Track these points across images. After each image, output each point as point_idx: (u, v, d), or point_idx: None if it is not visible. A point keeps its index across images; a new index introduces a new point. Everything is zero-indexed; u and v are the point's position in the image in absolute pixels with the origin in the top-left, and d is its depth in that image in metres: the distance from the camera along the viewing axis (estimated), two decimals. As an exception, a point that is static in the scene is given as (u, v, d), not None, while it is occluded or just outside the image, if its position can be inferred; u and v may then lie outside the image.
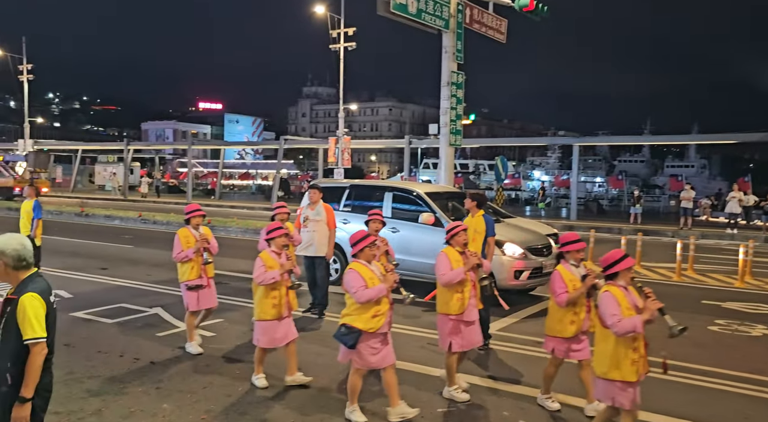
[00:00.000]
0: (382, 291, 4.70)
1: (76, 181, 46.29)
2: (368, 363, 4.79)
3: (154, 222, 21.48)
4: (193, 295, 6.72)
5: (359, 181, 13.05)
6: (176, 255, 6.68)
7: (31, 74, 39.99)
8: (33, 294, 3.19)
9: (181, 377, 5.98)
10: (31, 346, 3.14)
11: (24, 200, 11.75)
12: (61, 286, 9.98)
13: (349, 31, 28.69)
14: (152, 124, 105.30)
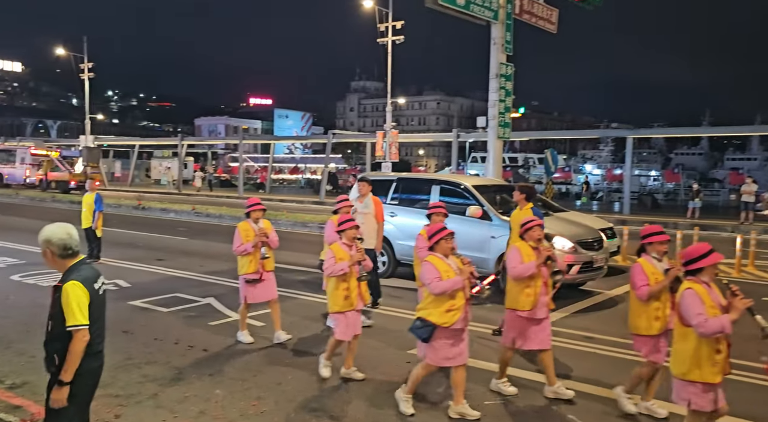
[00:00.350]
0: (457, 284, 4.62)
1: (134, 175, 47.82)
2: (440, 359, 4.75)
3: (207, 215, 22.02)
4: (250, 288, 6.77)
5: (406, 174, 13.03)
6: (236, 248, 6.72)
7: (92, 73, 41.43)
8: (75, 282, 3.32)
9: (233, 365, 6.14)
10: (74, 333, 3.28)
11: (86, 193, 12.27)
12: (119, 276, 10.38)
13: (397, 24, 28.65)
14: (205, 120, 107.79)
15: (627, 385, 5.12)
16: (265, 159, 52.12)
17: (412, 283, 10.15)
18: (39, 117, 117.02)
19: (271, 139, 55.36)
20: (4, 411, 4.87)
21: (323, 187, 34.79)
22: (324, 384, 5.66)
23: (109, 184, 44.20)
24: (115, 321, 7.48)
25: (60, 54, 42.56)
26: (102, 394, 5.18)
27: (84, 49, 40.92)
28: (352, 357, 5.82)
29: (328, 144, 38.24)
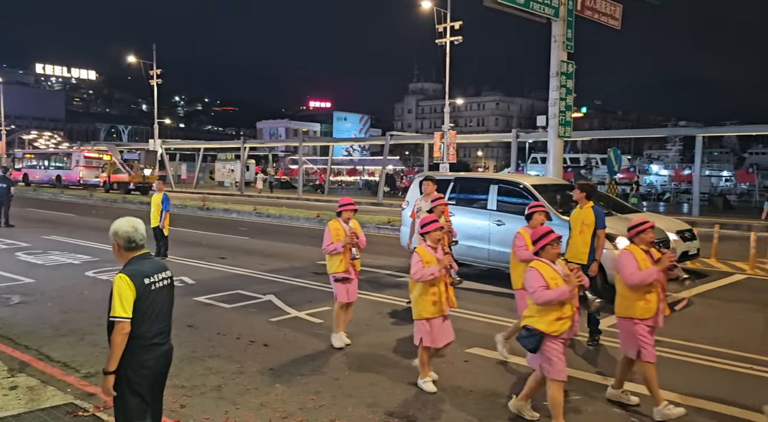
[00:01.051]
0: (564, 294, 4.30)
1: (199, 177, 49.41)
2: (562, 371, 4.42)
3: (268, 216, 22.52)
4: (342, 287, 6.62)
5: (464, 174, 12.97)
6: (326, 247, 6.58)
7: (160, 79, 43.08)
8: (122, 275, 3.40)
9: (292, 360, 6.26)
10: (115, 324, 3.36)
11: (154, 194, 12.78)
12: (185, 273, 10.75)
13: (455, 24, 28.49)
14: (266, 123, 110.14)
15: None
16: (324, 161, 52.85)
17: (468, 283, 10.12)
18: (112, 122, 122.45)
19: (329, 141, 56.03)
20: (80, 398, 5.12)
21: (381, 189, 34.99)
22: (376, 380, 5.70)
23: (176, 186, 45.81)
24: (180, 316, 7.76)
25: (131, 62, 44.44)
26: (168, 385, 5.35)
27: (153, 57, 42.61)
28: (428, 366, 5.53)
29: (386, 145, 38.41)
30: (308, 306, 8.47)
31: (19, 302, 8.63)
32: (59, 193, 35.51)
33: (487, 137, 62.30)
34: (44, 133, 71.80)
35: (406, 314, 8.23)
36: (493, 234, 9.96)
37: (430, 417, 4.92)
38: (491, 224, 10.01)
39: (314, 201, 33.17)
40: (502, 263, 10.05)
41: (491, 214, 10.00)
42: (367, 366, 6.09)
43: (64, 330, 7.26)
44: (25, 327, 7.31)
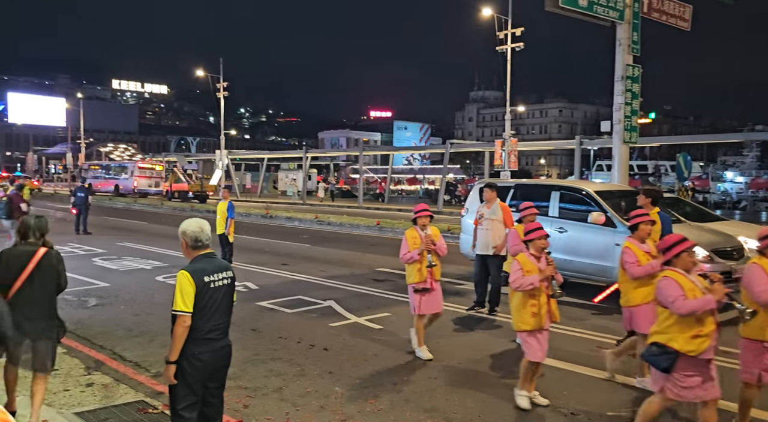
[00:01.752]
0: (709, 304, 3.89)
1: (262, 187, 50.66)
2: (685, 394, 4.02)
3: (329, 224, 22.85)
4: (417, 298, 6.37)
5: (525, 181, 12.79)
6: (402, 255, 6.40)
7: (226, 92, 44.51)
8: (184, 271, 3.63)
9: (352, 364, 6.34)
10: (177, 317, 3.58)
11: (220, 202, 13.21)
12: (248, 279, 11.05)
13: (516, 31, 28.20)
14: (328, 133, 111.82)
15: None
16: (385, 170, 53.19)
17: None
18: (181, 134, 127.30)
19: (389, 150, 56.36)
20: (150, 396, 5.36)
21: (441, 197, 34.90)
22: (443, 386, 5.69)
23: (241, 195, 47.12)
24: (244, 319, 8.02)
25: (199, 76, 46.14)
26: (232, 386, 5.58)
27: (220, 71, 44.08)
28: (534, 382, 5.29)
29: (446, 154, 38.31)
30: (368, 313, 8.55)
31: (95, 304, 9.09)
32: (132, 203, 37.18)
33: (549, 144, 61.12)
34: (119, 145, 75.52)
35: (466, 321, 8.23)
36: (554, 242, 9.72)
37: (488, 424, 4.89)
38: (552, 231, 9.81)
39: (374, 209, 33.41)
40: (564, 271, 9.85)
41: (552, 221, 9.83)
42: (426, 372, 6.10)
43: (135, 331, 7.60)
44: (101, 328, 7.70)
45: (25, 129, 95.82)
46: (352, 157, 68.63)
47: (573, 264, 9.38)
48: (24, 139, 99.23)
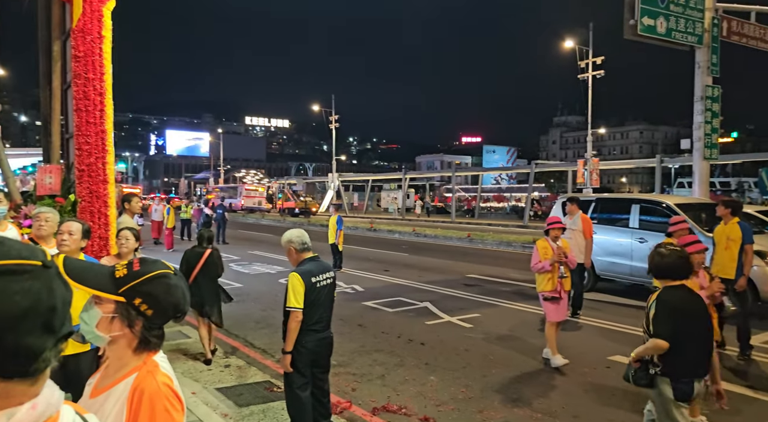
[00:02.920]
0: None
1: (367, 205, 51.67)
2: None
3: (425, 236, 22.89)
4: (551, 306, 5.96)
5: (606, 195, 12.22)
6: (533, 265, 6.00)
7: (338, 123, 46.02)
8: (295, 273, 3.80)
9: (445, 357, 6.32)
10: (290, 313, 3.75)
11: (330, 216, 13.66)
12: (355, 282, 11.30)
13: (597, 60, 27.18)
14: (424, 158, 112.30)
15: None
16: (475, 189, 52.63)
17: (610, 297, 9.51)
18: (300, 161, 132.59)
19: (479, 171, 55.59)
20: (275, 377, 5.60)
21: (527, 213, 33.96)
22: (527, 378, 5.55)
23: (349, 212, 48.28)
24: (352, 316, 8.22)
25: (315, 110, 48.04)
26: (342, 372, 5.74)
27: (332, 105, 45.68)
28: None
29: (531, 173, 37.29)
30: (459, 313, 8.48)
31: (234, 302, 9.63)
32: (261, 218, 39.11)
33: (630, 163, 57.63)
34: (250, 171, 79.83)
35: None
36: (635, 252, 9.27)
37: (571, 414, 4.70)
38: (633, 241, 9.33)
39: (465, 223, 33.07)
40: (645, 279, 9.31)
41: (633, 232, 9.33)
42: (512, 366, 5.97)
43: (263, 323, 7.99)
44: (236, 320, 8.15)
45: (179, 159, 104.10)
46: (445, 177, 68.42)
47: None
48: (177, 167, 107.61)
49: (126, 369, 1.45)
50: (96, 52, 4.51)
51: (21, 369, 0.70)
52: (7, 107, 65.41)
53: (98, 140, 4.84)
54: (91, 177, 4.88)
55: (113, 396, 1.42)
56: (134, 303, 1.43)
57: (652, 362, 3.19)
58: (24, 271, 0.70)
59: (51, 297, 0.72)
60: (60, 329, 0.73)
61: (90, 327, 1.44)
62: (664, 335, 3.09)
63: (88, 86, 4.59)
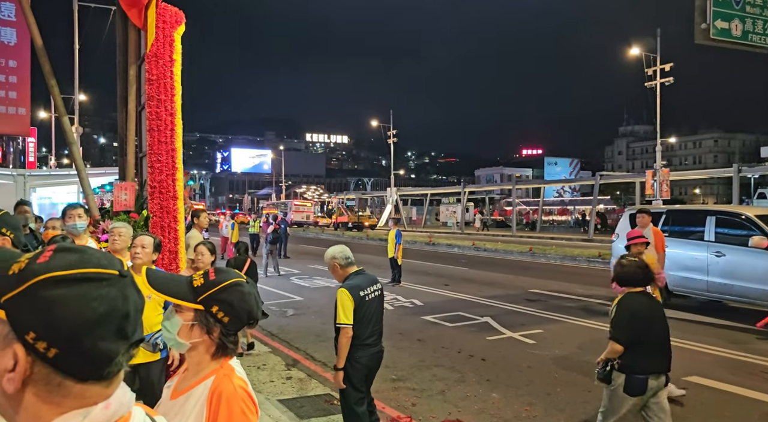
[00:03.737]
0: None
1: (426, 219, 51.59)
2: None
3: (485, 250, 22.56)
4: None
5: (678, 206, 11.65)
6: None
7: (396, 138, 46.36)
8: (343, 289, 3.79)
9: (507, 374, 6.17)
10: (341, 329, 3.75)
11: (389, 230, 13.72)
12: (414, 296, 11.26)
13: (665, 66, 26.12)
14: (483, 171, 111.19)
15: None
16: (536, 202, 51.50)
17: (683, 314, 9.02)
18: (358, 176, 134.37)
19: (540, 183, 54.40)
20: (335, 390, 5.59)
21: (591, 226, 32.84)
22: (596, 398, 5.33)
23: (408, 226, 48.32)
24: (411, 331, 8.18)
25: (373, 125, 48.67)
26: (401, 386, 5.72)
27: (390, 120, 46.13)
28: None
29: (596, 185, 36.08)
30: (522, 329, 8.27)
31: (292, 314, 9.83)
32: (320, 233, 39.82)
33: (704, 173, 54.71)
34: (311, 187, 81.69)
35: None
36: (711, 266, 8.76)
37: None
38: (709, 255, 8.83)
39: (527, 237, 32.35)
40: (723, 295, 8.78)
41: (708, 246, 8.83)
42: (579, 384, 5.75)
43: (323, 337, 8.07)
44: (296, 333, 8.30)
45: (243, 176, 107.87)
46: (505, 190, 67.40)
47: (734, 289, 8.35)
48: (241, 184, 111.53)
49: (204, 372, 1.54)
50: (167, 74, 4.78)
51: (96, 372, 0.74)
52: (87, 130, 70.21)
53: (169, 158, 5.10)
54: (162, 193, 5.13)
55: (193, 397, 1.50)
56: (212, 311, 1.52)
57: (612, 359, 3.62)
58: (102, 279, 0.74)
59: (125, 305, 0.76)
60: (132, 335, 0.77)
61: (172, 335, 1.54)
62: (621, 339, 3.52)
63: (160, 107, 4.87)
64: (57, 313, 0.70)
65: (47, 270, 0.72)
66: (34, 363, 0.71)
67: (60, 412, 0.73)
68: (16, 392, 0.72)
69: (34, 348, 0.71)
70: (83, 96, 28.10)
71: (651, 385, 3.53)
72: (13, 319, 0.71)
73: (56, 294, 0.71)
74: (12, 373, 0.71)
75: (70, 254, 0.76)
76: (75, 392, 0.74)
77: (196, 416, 1.46)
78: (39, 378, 0.72)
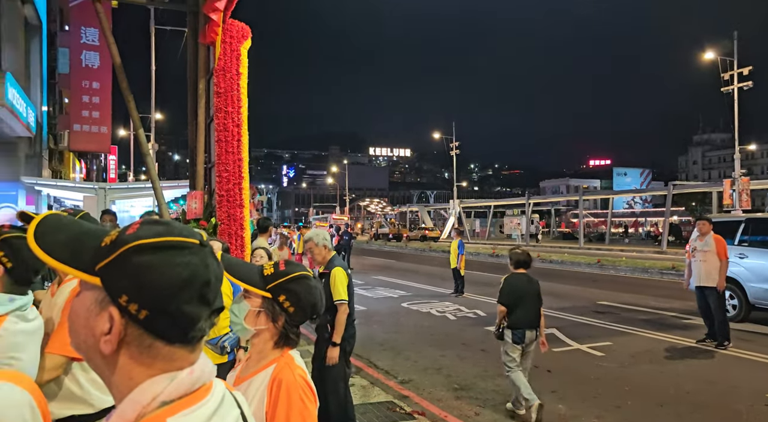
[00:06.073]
0: None
1: (489, 231, 50.78)
2: None
3: (550, 261, 21.92)
4: None
5: (759, 214, 10.87)
6: None
7: (458, 150, 46.10)
8: (339, 268, 4.09)
9: (574, 385, 5.93)
10: (338, 305, 3.99)
11: (452, 241, 13.59)
12: (477, 307, 11.06)
13: (744, 70, 24.63)
14: (548, 183, 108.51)
15: None
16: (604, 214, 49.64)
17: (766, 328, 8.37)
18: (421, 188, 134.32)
19: (609, 194, 52.38)
20: (397, 398, 5.62)
21: (664, 237, 31.22)
22: (669, 412, 5.02)
23: (471, 238, 47.75)
24: (474, 341, 8.03)
25: (436, 138, 48.63)
26: (465, 395, 5.62)
27: (452, 132, 45.95)
28: None
29: (668, 195, 34.33)
30: (589, 341, 7.93)
31: (356, 323, 9.87)
32: (383, 245, 40.02)
33: (789, 182, 51.16)
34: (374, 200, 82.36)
35: (684, 352, 7.18)
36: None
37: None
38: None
39: (595, 249, 31.17)
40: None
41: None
42: (651, 396, 5.45)
43: (386, 346, 8.07)
44: (360, 342, 8.20)
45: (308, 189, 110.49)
46: (572, 202, 65.39)
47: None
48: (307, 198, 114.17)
49: (265, 360, 1.58)
50: (234, 87, 4.99)
51: (181, 334, 0.79)
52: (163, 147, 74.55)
53: (235, 168, 5.29)
54: (230, 202, 5.33)
55: (254, 384, 1.54)
56: (279, 300, 1.58)
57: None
58: (184, 247, 0.79)
59: (206, 272, 0.80)
60: (213, 302, 0.81)
61: (239, 319, 1.60)
62: (504, 302, 5.12)
63: (228, 119, 5.07)
64: (145, 277, 0.75)
65: (136, 238, 0.77)
66: (127, 325, 0.76)
67: (150, 374, 0.77)
68: (112, 353, 0.77)
69: (127, 310, 0.75)
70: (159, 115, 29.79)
71: (528, 337, 5.16)
72: (107, 284, 0.76)
73: (144, 260, 0.76)
74: (108, 335, 0.76)
75: (156, 225, 0.81)
76: (164, 354, 0.78)
77: (257, 403, 1.49)
78: (132, 340, 0.77)
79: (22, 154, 13.06)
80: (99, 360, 0.79)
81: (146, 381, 0.77)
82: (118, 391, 0.78)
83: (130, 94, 5.38)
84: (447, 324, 9.41)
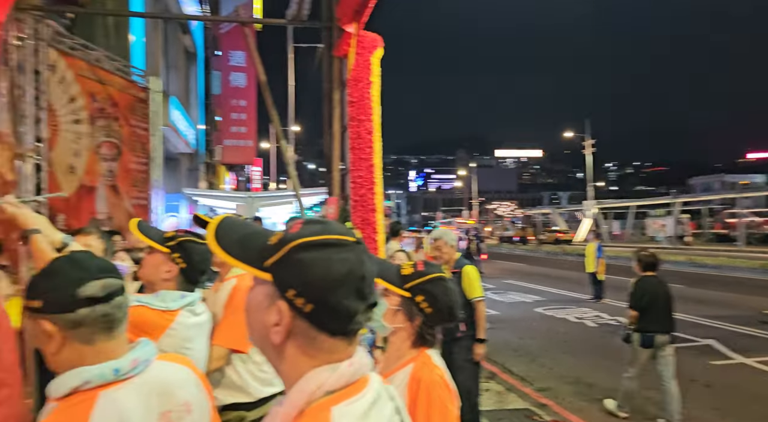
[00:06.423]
0: None
1: (630, 233, 47.26)
2: None
3: (704, 266, 19.85)
4: None
5: None
6: None
7: (594, 148, 43.55)
8: (471, 266, 4.21)
9: (739, 403, 5.32)
10: (476, 303, 4.12)
11: (589, 244, 12.88)
12: (620, 314, 10.29)
13: None
14: (698, 179, 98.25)
15: None
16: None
17: None
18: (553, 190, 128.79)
19: (775, 190, 46.19)
20: (535, 406, 5.44)
21: None
22: None
23: (609, 240, 44.77)
24: (616, 351, 7.49)
25: (568, 137, 46.41)
26: (608, 407, 5.26)
27: (585, 130, 43.53)
28: None
29: None
30: (755, 354, 7.05)
31: (489, 328, 9.70)
32: (514, 249, 38.98)
33: None
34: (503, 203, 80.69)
35: None
36: None
37: None
38: None
39: (758, 252, 27.61)
40: None
41: None
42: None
43: (520, 351, 7.84)
44: (493, 347, 8.15)
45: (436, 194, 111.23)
46: (727, 200, 58.60)
47: None
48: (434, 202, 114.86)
49: (403, 359, 1.62)
50: (366, 96, 5.17)
51: (342, 327, 0.84)
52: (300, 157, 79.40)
53: (368, 174, 5.47)
54: (363, 206, 5.52)
55: (393, 383, 1.56)
56: (416, 300, 1.60)
57: None
58: (342, 245, 0.84)
59: (362, 268, 0.84)
60: (368, 297, 0.85)
61: (378, 317, 1.64)
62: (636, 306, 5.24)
63: (361, 127, 5.27)
64: (309, 273, 0.81)
65: (299, 236, 0.84)
66: (294, 318, 0.82)
67: (314, 365, 0.83)
68: (281, 344, 0.83)
69: (294, 304, 0.81)
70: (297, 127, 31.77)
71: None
72: (276, 280, 0.83)
73: (308, 256, 0.82)
74: (278, 327, 0.82)
75: (315, 225, 0.87)
76: (326, 346, 0.83)
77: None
78: (299, 332, 0.83)
79: (183, 168, 14.70)
80: (270, 350, 0.85)
81: (311, 371, 0.82)
82: (287, 379, 0.84)
83: (275, 109, 5.82)
84: (585, 331, 8.91)
